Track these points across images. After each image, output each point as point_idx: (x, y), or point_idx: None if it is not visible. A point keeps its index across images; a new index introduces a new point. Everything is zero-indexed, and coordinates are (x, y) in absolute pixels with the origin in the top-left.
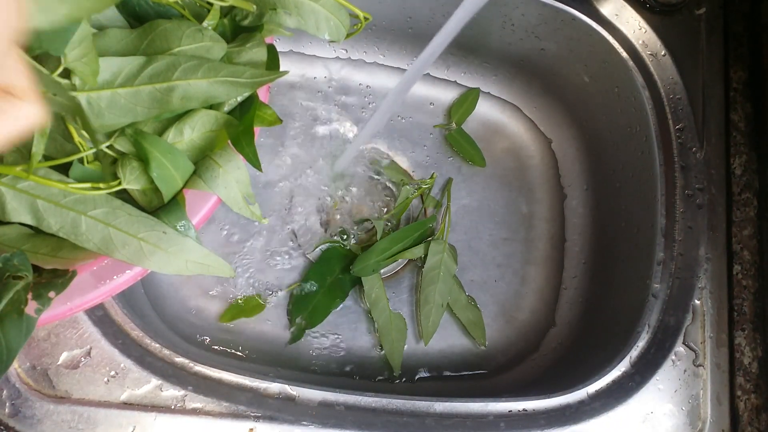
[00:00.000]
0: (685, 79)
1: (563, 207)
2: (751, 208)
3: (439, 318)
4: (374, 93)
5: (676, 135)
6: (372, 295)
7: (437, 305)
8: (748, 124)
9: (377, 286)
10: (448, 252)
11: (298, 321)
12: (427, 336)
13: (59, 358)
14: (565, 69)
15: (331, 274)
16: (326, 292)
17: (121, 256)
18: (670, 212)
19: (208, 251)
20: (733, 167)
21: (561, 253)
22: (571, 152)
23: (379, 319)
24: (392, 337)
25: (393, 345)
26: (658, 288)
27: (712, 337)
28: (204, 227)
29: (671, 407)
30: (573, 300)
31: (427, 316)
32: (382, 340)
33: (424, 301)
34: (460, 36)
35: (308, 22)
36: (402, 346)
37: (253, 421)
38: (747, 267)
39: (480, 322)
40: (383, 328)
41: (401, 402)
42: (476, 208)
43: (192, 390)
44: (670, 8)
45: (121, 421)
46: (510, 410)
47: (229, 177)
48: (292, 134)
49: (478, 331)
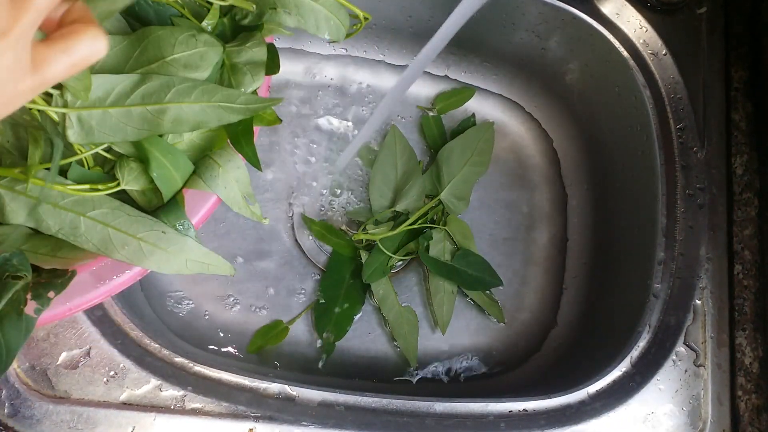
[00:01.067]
0: (686, 78)
1: (564, 206)
2: (752, 207)
3: (452, 305)
4: (374, 92)
5: (677, 134)
6: (380, 292)
7: (448, 293)
8: (749, 123)
9: (384, 282)
10: (450, 239)
11: (325, 336)
12: (443, 324)
13: (58, 358)
14: (565, 68)
15: (342, 282)
16: (344, 301)
17: (120, 256)
18: (671, 212)
19: (208, 250)
20: (734, 167)
21: (562, 252)
22: (572, 152)
23: (390, 315)
24: (405, 330)
25: (407, 339)
26: (658, 288)
27: (713, 337)
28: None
29: (672, 407)
30: (573, 300)
31: (440, 305)
32: (396, 335)
33: (434, 290)
34: (460, 35)
35: (308, 21)
36: (416, 339)
37: (253, 421)
38: (748, 267)
39: (495, 301)
40: (395, 323)
41: (401, 402)
42: (477, 207)
43: (191, 390)
44: (671, 7)
45: (120, 422)
46: (510, 410)
47: (228, 176)
48: (292, 133)
49: (494, 309)
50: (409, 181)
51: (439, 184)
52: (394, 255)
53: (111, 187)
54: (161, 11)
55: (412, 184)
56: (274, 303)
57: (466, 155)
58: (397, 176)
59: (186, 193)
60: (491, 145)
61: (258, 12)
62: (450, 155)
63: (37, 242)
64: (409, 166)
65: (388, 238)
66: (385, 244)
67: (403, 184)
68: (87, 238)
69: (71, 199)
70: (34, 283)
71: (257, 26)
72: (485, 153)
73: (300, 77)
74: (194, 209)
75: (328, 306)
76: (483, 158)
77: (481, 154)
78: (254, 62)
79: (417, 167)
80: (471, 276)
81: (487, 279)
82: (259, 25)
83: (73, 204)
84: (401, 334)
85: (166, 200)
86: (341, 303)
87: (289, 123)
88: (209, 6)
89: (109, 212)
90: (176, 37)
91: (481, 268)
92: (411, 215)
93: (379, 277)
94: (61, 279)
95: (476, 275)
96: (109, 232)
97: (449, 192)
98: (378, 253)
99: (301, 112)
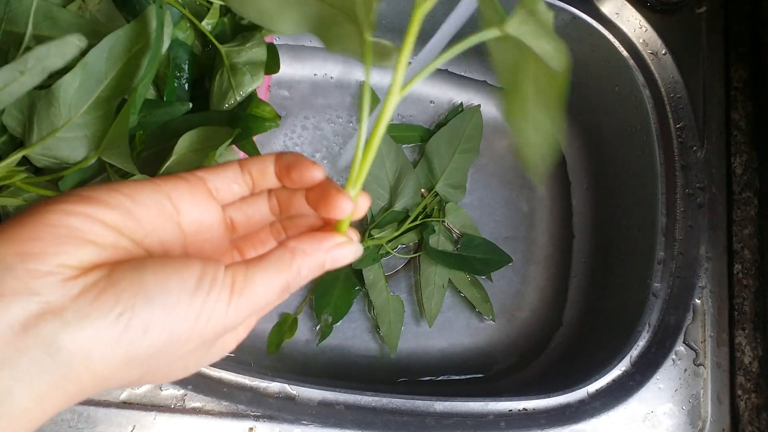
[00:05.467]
0: (686, 77)
1: (564, 206)
2: (751, 207)
3: (441, 299)
4: (374, 90)
5: (676, 134)
6: (370, 277)
7: (438, 286)
8: (749, 122)
9: (375, 268)
10: (444, 233)
11: (324, 317)
12: (431, 318)
13: None
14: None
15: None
16: (343, 283)
17: None
18: (671, 211)
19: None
20: (733, 166)
21: (562, 251)
22: (572, 151)
23: (377, 300)
24: (390, 318)
25: (390, 326)
26: (658, 287)
27: (712, 336)
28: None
29: (671, 406)
30: (573, 299)
31: (429, 297)
32: (380, 322)
33: (424, 283)
34: (461, 34)
35: None
36: (399, 327)
37: (253, 420)
38: (748, 266)
39: (486, 297)
40: (381, 310)
41: (401, 401)
42: (477, 206)
43: (191, 389)
44: (670, 7)
45: (120, 420)
46: (510, 409)
47: None
48: (292, 131)
49: (485, 306)
50: (403, 179)
51: (432, 176)
52: (386, 244)
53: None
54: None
55: (406, 182)
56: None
57: (454, 144)
58: (388, 175)
59: None
60: (480, 129)
61: None
62: (438, 145)
63: None
64: (398, 164)
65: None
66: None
67: (397, 183)
68: None
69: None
70: None
71: (257, 26)
72: (474, 139)
73: (300, 74)
74: None
75: (327, 288)
76: (472, 144)
77: (469, 140)
78: (254, 62)
79: (407, 163)
80: (479, 260)
81: (496, 259)
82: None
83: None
84: (385, 321)
85: None
86: (341, 284)
87: (289, 122)
88: (209, 5)
89: None
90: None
91: (488, 249)
92: (411, 212)
93: (369, 264)
94: None
95: (484, 258)
96: None
97: (444, 182)
98: (368, 241)
99: (301, 111)
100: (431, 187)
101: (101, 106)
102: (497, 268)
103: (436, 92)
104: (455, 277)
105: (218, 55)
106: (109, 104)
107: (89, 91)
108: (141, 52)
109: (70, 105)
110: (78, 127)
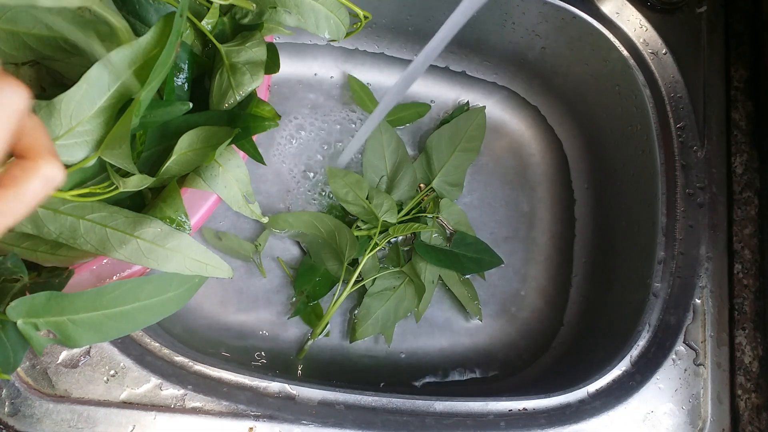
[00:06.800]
0: (686, 77)
1: (564, 206)
2: (752, 206)
3: (430, 295)
4: (374, 89)
5: (677, 133)
6: (366, 266)
7: (428, 282)
8: (749, 122)
9: (371, 256)
10: (437, 230)
11: (303, 292)
12: (418, 313)
13: (59, 357)
14: (565, 67)
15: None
16: (330, 263)
17: (119, 255)
18: (671, 211)
19: (207, 248)
20: (734, 166)
21: (562, 251)
22: (572, 151)
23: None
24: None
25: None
26: (658, 287)
27: (712, 336)
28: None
29: (672, 406)
30: (574, 299)
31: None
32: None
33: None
34: (461, 34)
35: (308, 20)
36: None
37: (253, 420)
38: (748, 266)
39: (474, 296)
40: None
41: (401, 401)
42: (477, 206)
43: (192, 389)
44: (671, 6)
45: (120, 420)
46: (510, 409)
47: (228, 176)
48: (292, 130)
49: (472, 305)
50: (400, 171)
51: (430, 171)
52: (375, 237)
53: (110, 190)
54: (161, 11)
55: (404, 174)
56: (273, 300)
57: (455, 142)
58: (387, 166)
59: (185, 193)
60: (483, 130)
61: (258, 11)
62: (439, 142)
63: (37, 240)
64: (397, 156)
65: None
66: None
67: (394, 174)
68: (86, 240)
69: (71, 205)
70: (32, 284)
71: (257, 25)
72: (476, 139)
73: (301, 74)
74: (194, 208)
75: (314, 264)
76: (474, 144)
77: (471, 140)
78: (254, 62)
79: (406, 156)
80: (470, 259)
81: (487, 259)
82: (259, 24)
83: (73, 209)
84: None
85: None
86: (327, 264)
87: (290, 120)
88: (209, 5)
89: (107, 215)
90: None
91: (480, 249)
92: (405, 205)
93: (360, 254)
94: (59, 279)
95: (475, 257)
96: (106, 231)
97: (441, 179)
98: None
99: (302, 110)
100: (428, 182)
101: (103, 113)
102: (488, 268)
103: (436, 92)
104: (445, 274)
105: (218, 55)
106: (111, 111)
107: (92, 103)
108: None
109: (71, 116)
110: (78, 134)
